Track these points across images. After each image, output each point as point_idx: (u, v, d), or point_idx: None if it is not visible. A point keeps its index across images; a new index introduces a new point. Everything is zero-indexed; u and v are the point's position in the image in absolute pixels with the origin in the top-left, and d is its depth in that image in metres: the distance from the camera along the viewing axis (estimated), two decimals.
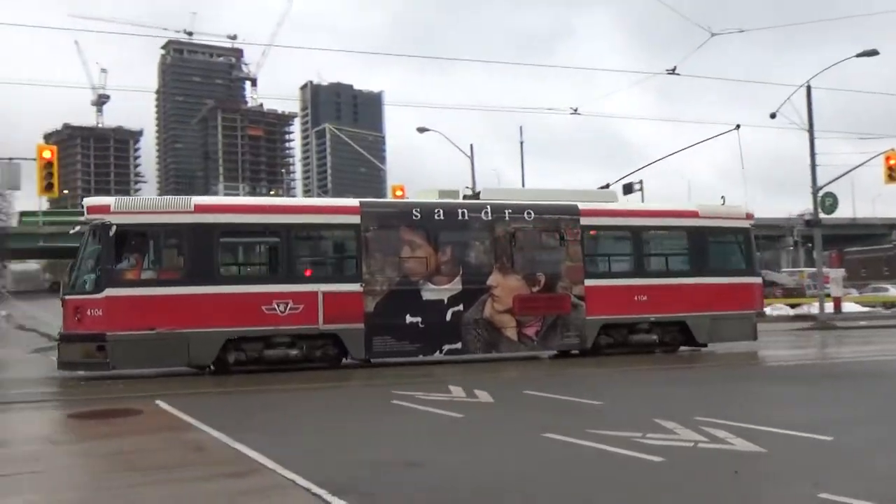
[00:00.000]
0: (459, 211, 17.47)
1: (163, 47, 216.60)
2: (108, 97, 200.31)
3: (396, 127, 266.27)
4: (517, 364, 17.29)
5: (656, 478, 6.69)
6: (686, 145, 25.85)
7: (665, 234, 20.02)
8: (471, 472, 7.05)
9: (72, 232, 17.89)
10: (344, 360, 16.67)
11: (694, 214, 19.34)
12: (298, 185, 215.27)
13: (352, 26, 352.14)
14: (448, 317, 16.91)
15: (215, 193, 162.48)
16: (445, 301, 16.91)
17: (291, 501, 6.17)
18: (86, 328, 15.03)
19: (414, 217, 17.13)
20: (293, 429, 9.74)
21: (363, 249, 16.58)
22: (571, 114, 33.86)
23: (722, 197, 20.15)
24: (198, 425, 9.48)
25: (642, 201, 29.66)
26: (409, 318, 16.62)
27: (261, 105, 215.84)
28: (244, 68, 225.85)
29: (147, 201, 17.25)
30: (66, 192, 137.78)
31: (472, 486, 6.57)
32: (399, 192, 36.60)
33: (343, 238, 17.36)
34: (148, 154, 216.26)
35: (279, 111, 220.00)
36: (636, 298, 18.34)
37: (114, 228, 15.04)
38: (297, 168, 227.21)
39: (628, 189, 41.28)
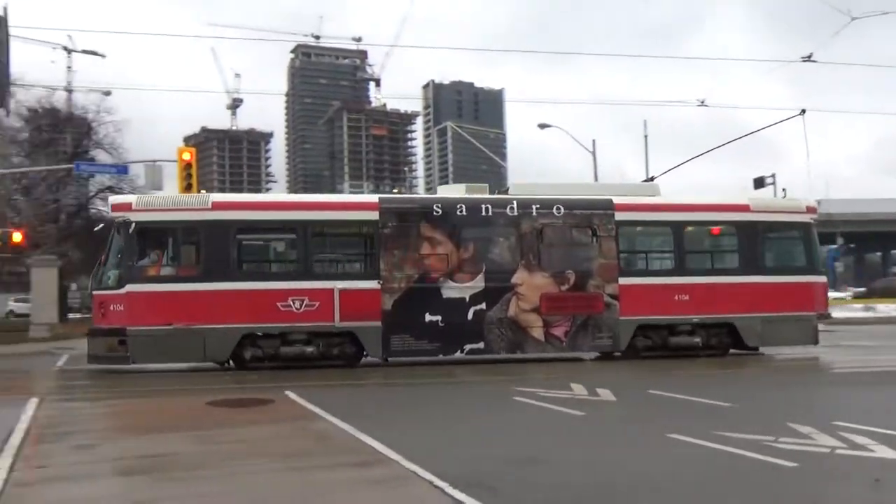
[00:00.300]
0: (483, 206, 16.87)
1: (292, 51, 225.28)
2: (241, 101, 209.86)
3: (518, 123, 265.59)
4: (618, 364, 16.89)
5: (789, 484, 6.39)
6: (744, 133, 23.77)
7: (711, 229, 18.88)
8: (593, 471, 6.96)
9: (95, 230, 18.52)
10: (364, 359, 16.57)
11: (744, 208, 18.03)
12: (420, 183, 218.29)
13: (473, 24, 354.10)
14: (470, 315, 16.36)
15: (341, 191, 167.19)
16: (467, 299, 16.37)
17: (413, 493, 6.27)
18: (109, 323, 15.54)
19: (434, 213, 16.66)
20: (416, 422, 9.90)
21: (381, 246, 16.31)
22: (698, 105, 32.79)
23: (783, 189, 18.87)
24: (324, 416, 9.78)
25: (775, 196, 28.22)
26: (428, 317, 16.20)
27: (384, 105, 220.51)
28: (368, 69, 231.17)
29: (168, 199, 17.62)
30: (203, 191, 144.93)
31: (595, 484, 6.48)
32: None
33: (361, 235, 17.09)
34: (278, 154, 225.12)
35: (402, 110, 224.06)
36: (676, 298, 17.16)
37: (133, 226, 15.53)
38: (420, 166, 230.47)
39: (759, 183, 39.55)
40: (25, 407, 10.48)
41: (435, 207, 16.80)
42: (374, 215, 16.48)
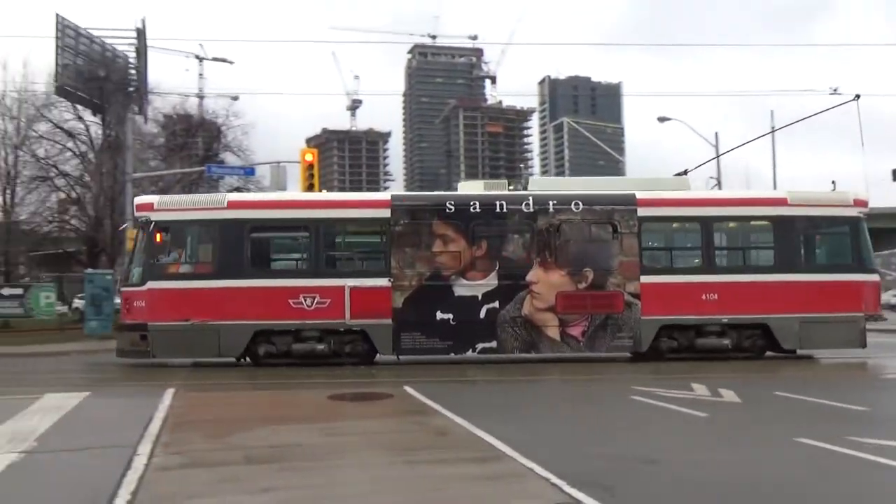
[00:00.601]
0: (497, 203, 16.61)
1: (409, 52, 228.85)
2: (360, 102, 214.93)
3: (636, 117, 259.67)
4: (740, 364, 16.25)
5: None
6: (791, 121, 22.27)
7: (744, 225, 17.92)
8: (715, 474, 6.76)
9: (120, 229, 19.03)
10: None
11: (781, 202, 16.99)
12: None
13: (591, 17, 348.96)
14: (482, 314, 16.20)
15: (456, 190, 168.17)
16: (479, 297, 16.23)
17: (530, 490, 6.27)
18: (133, 318, 16.24)
19: (447, 210, 16.54)
20: (533, 419, 9.89)
21: (392, 244, 16.37)
22: (831, 94, 31.13)
23: (833, 182, 17.47)
24: (442, 411, 9.91)
25: None
26: (439, 315, 16.16)
27: (500, 102, 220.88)
28: (484, 67, 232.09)
29: (187, 199, 18.22)
30: (324, 191, 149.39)
31: (717, 488, 6.30)
32: None
33: (372, 233, 17.19)
34: (395, 153, 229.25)
35: (517, 107, 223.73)
36: (704, 297, 16.38)
37: (152, 225, 16.21)
38: (535, 163, 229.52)
39: None
40: (163, 396, 11.12)
41: (448, 205, 16.72)
42: (385, 213, 16.58)
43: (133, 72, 42.17)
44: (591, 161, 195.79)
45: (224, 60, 78.79)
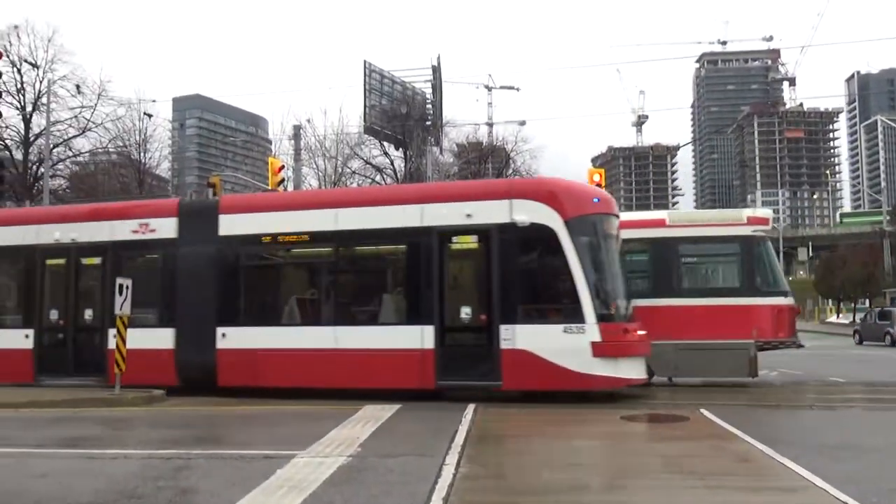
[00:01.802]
0: None
1: (696, 61, 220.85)
2: (646, 117, 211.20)
3: None
4: None
5: None
6: None
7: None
8: None
9: None
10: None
11: (659, 224, 16.15)
12: (846, 187, 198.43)
13: None
14: None
15: (753, 203, 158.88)
16: None
17: None
18: None
19: None
20: (842, 448, 9.14)
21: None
22: None
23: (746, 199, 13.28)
24: (742, 436, 9.52)
25: None
26: None
27: (800, 105, 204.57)
28: (781, 69, 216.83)
29: None
30: None
31: None
32: None
33: None
34: (684, 167, 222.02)
35: (821, 109, 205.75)
36: None
37: None
38: (844, 168, 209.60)
39: None
40: (465, 412, 11.85)
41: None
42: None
43: (430, 107, 45.48)
44: None
45: (511, 88, 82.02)
